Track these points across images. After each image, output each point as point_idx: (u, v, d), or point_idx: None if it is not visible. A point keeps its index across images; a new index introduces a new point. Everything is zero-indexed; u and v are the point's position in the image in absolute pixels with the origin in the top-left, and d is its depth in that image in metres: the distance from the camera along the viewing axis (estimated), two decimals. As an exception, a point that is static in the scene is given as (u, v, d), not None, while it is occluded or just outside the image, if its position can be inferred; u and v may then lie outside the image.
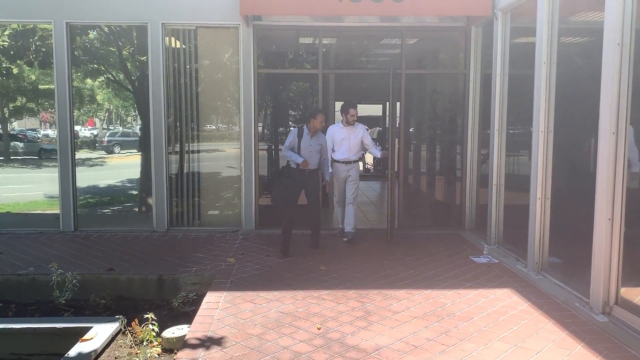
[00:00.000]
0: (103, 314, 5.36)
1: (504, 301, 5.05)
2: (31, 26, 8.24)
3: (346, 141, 7.31)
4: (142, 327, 4.45)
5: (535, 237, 5.79)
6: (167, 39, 7.86)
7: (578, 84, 5.54)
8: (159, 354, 4.30)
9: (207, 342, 4.13)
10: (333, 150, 7.38)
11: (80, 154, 8.36)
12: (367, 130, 7.65)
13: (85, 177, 8.37)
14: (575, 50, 5.79)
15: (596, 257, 4.63)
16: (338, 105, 8.12)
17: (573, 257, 5.52)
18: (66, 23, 7.68)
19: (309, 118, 6.75)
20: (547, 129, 5.66)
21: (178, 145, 8.14)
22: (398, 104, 8.22)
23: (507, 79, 6.81)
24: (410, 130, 8.89)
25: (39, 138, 10.49)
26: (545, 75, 5.63)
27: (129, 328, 4.60)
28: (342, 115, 7.41)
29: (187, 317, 5.14)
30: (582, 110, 5.42)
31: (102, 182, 9.24)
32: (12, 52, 8.49)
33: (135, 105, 9.23)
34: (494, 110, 6.96)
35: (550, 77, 5.62)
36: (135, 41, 8.45)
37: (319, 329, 4.40)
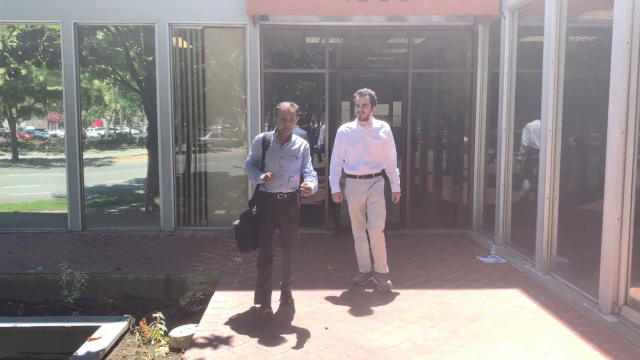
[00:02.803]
0: (111, 313, 5.39)
1: (512, 301, 5.03)
2: (39, 27, 8.28)
3: (362, 145, 5.30)
4: (150, 326, 4.47)
5: (543, 237, 5.77)
6: (174, 39, 7.87)
7: (586, 83, 5.52)
8: (166, 353, 4.31)
9: (215, 342, 4.14)
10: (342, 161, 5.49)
11: (88, 154, 8.39)
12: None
13: (92, 177, 8.40)
14: (583, 49, 5.76)
15: (605, 257, 4.60)
16: (345, 105, 8.03)
17: (581, 257, 5.49)
18: (74, 23, 7.71)
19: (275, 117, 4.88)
20: (555, 128, 5.63)
21: (185, 145, 8.16)
22: (400, 103, 8.20)
23: (514, 78, 6.78)
24: (417, 129, 8.87)
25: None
26: (553, 75, 5.61)
27: (136, 327, 4.62)
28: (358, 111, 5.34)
29: (194, 316, 5.15)
30: (590, 109, 5.39)
31: (110, 182, 9.27)
32: (20, 53, 8.54)
33: (142, 106, 9.25)
34: (502, 109, 6.93)
35: (558, 76, 5.59)
36: (142, 41, 8.47)
37: (326, 328, 4.39)
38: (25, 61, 8.70)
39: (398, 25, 8.11)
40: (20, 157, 10.04)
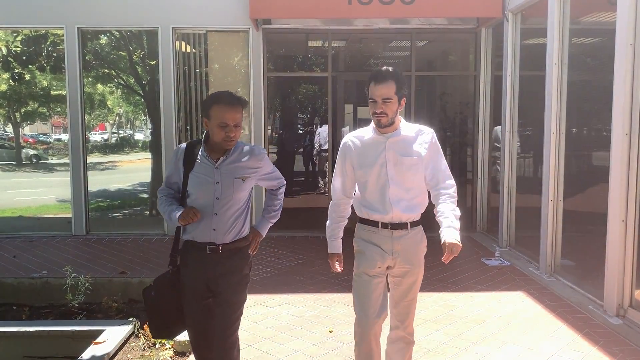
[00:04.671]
0: (115, 317, 5.39)
1: (517, 304, 5.02)
2: (43, 32, 8.32)
3: (381, 168, 2.93)
4: (155, 330, 4.46)
5: (548, 239, 5.75)
6: (177, 43, 7.90)
7: (590, 85, 5.51)
8: (171, 357, 4.30)
9: (219, 345, 4.13)
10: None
11: (92, 158, 8.40)
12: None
13: (96, 181, 8.43)
14: (587, 51, 5.75)
15: (610, 259, 4.59)
16: (348, 107, 8.03)
17: (586, 259, 5.48)
18: (77, 28, 7.73)
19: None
20: (559, 131, 5.62)
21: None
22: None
23: (517, 80, 6.78)
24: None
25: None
26: (557, 76, 5.60)
27: (141, 331, 4.62)
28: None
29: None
30: (594, 111, 5.38)
31: (113, 186, 9.31)
32: (24, 58, 8.58)
33: (145, 110, 9.28)
34: (505, 112, 6.93)
35: (561, 78, 5.59)
36: (145, 46, 8.51)
37: (330, 332, 4.39)
38: (29, 66, 8.75)
39: (401, 28, 8.11)
40: (24, 161, 10.08)
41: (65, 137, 8.88)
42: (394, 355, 3.19)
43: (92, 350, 4.30)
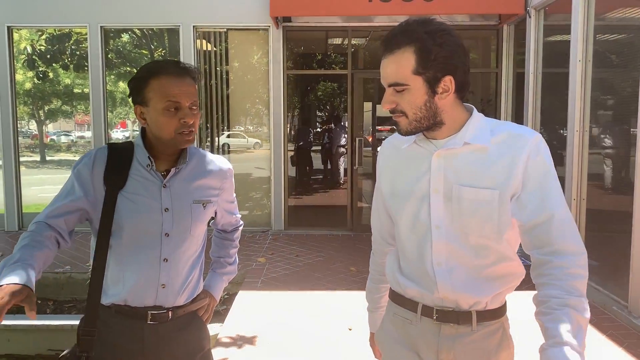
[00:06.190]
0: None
1: (539, 304, 4.96)
2: (67, 30, 8.44)
3: (420, 206, 1.53)
4: (176, 326, 4.50)
5: (571, 238, 5.66)
6: (198, 41, 7.96)
7: (615, 82, 5.42)
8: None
9: (240, 341, 4.17)
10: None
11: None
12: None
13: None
14: (611, 48, 5.66)
15: (635, 259, 4.51)
16: (367, 106, 8.00)
17: (610, 259, 5.39)
18: (100, 27, 7.85)
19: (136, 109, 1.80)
20: (582, 129, 5.54)
21: (209, 146, 8.23)
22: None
23: (540, 77, 6.69)
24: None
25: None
26: (581, 74, 5.52)
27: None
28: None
29: (219, 316, 5.18)
30: (619, 108, 5.30)
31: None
32: (48, 56, 8.72)
33: (166, 107, 9.37)
34: (527, 109, 6.85)
35: (585, 75, 5.50)
36: (167, 44, 8.58)
37: (350, 329, 4.39)
38: (53, 64, 8.88)
39: (421, 26, 8.05)
40: (47, 158, 10.24)
41: (87, 134, 9.00)
42: None
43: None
